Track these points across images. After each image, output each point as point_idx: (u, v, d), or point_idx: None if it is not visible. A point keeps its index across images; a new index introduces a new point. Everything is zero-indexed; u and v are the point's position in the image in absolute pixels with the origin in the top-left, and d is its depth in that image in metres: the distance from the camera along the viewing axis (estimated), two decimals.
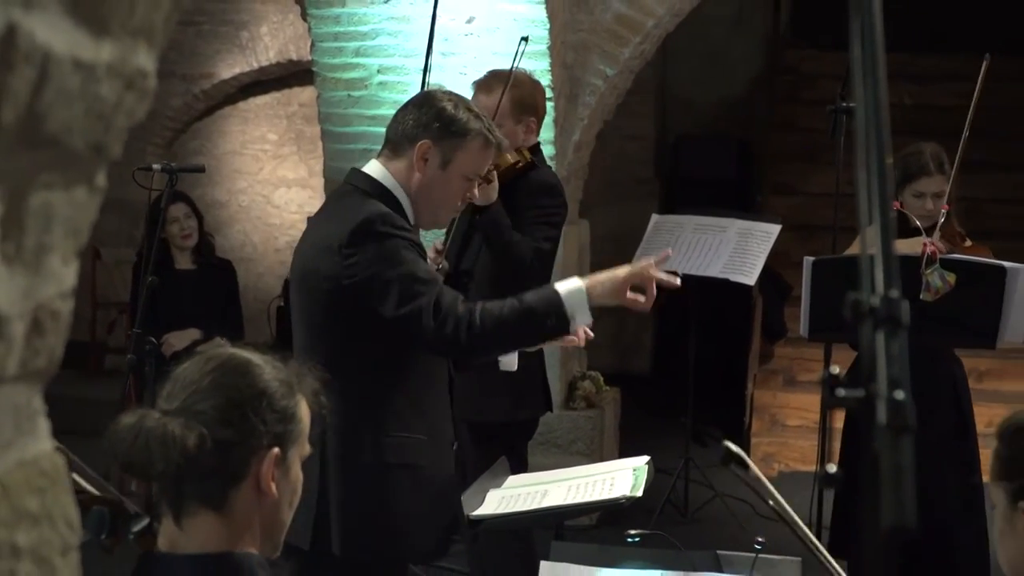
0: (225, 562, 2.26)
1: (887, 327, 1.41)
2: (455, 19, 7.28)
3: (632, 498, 3.68)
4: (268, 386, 2.33)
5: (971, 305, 5.66)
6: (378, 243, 3.82)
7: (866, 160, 1.53)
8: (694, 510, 8.30)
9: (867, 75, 1.55)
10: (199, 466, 2.22)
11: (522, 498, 3.92)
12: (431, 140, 3.96)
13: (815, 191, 10.54)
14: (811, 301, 5.88)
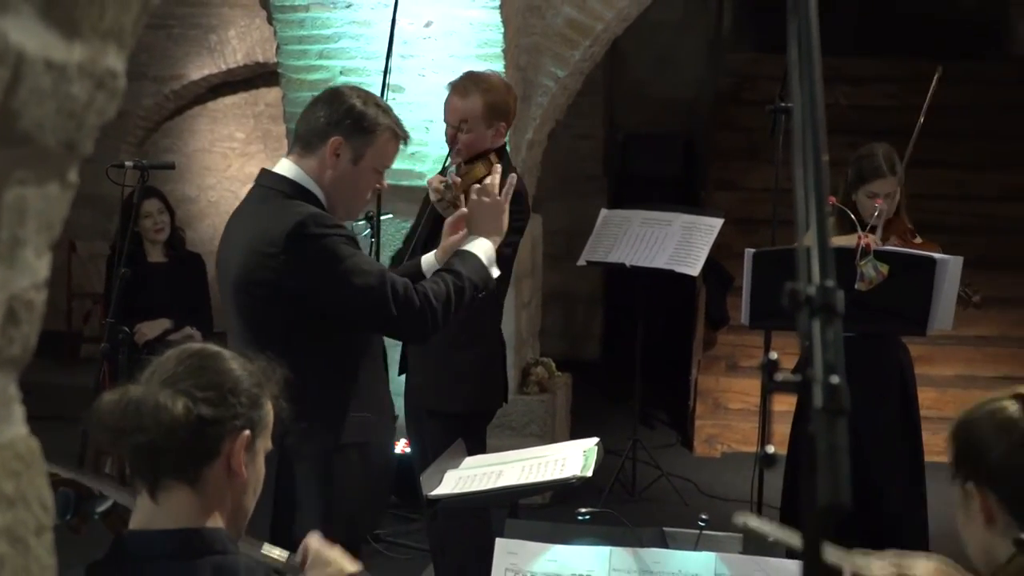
0: (198, 536, 2.25)
1: (823, 315, 1.42)
2: (414, 23, 7.27)
3: (582, 478, 3.67)
4: (240, 374, 2.34)
5: (903, 294, 5.69)
6: (316, 244, 3.78)
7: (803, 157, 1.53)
8: (641, 489, 8.31)
9: (803, 76, 1.55)
10: (179, 439, 2.21)
11: (478, 478, 3.91)
12: (342, 137, 3.92)
13: (756, 187, 10.58)
14: (752, 291, 5.90)
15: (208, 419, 2.25)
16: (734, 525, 3.05)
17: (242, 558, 2.27)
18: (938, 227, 6.21)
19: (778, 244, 6.39)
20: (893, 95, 11.63)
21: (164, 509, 2.25)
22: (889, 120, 10.53)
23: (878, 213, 5.93)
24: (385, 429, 4.14)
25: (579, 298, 12.14)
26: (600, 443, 3.85)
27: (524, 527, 3.27)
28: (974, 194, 10.68)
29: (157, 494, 2.25)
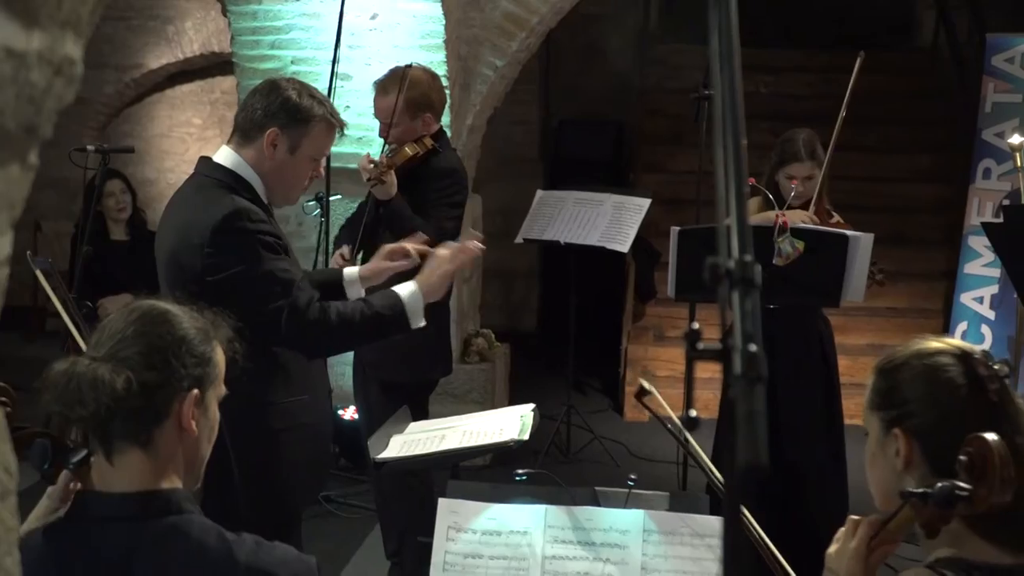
0: (155, 497, 2.24)
1: (741, 287, 1.42)
2: (360, 16, 7.24)
3: (520, 441, 3.67)
4: (187, 333, 2.31)
5: (818, 269, 5.72)
6: (238, 241, 3.71)
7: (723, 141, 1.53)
8: (575, 451, 8.34)
9: (724, 65, 1.55)
10: (126, 406, 2.19)
11: (422, 442, 3.90)
12: (279, 127, 3.88)
13: (681, 169, 10.61)
14: (677, 266, 5.92)
15: (153, 384, 2.23)
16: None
17: (197, 518, 2.26)
18: (851, 207, 6.25)
19: (702, 223, 6.43)
20: (809, 84, 11.68)
21: (119, 471, 2.24)
22: (805, 107, 10.59)
23: (795, 194, 5.97)
24: (321, 408, 4.11)
25: (517, 274, 12.15)
26: (536, 409, 3.85)
27: (465, 487, 3.26)
28: (884, 176, 10.74)
29: (112, 456, 2.24)
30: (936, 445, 2.22)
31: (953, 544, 2.20)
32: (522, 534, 3.14)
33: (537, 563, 3.10)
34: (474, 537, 3.15)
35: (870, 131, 10.84)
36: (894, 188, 10.67)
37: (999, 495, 2.09)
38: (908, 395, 2.26)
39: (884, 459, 2.31)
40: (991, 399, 2.21)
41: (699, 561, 3.08)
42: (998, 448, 2.08)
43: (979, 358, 2.25)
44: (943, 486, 2.09)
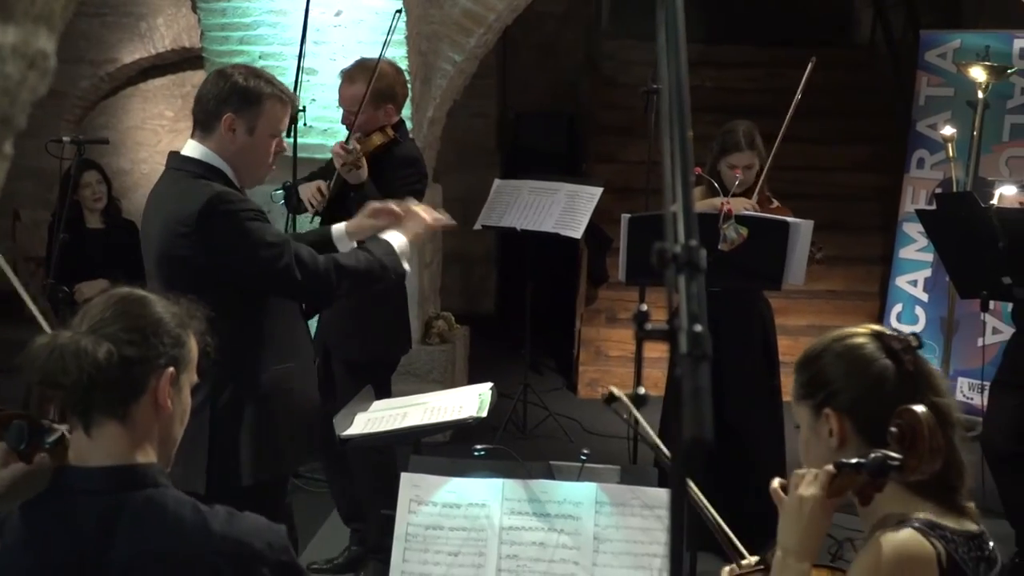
0: (132, 471, 2.23)
1: (687, 271, 1.42)
2: (325, 12, 7.23)
3: (478, 418, 3.68)
4: (163, 316, 2.31)
5: (760, 254, 5.75)
6: (225, 221, 3.73)
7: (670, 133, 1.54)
8: (531, 428, 8.34)
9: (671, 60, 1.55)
10: (106, 378, 2.19)
11: (386, 420, 3.90)
12: (233, 112, 3.87)
13: (631, 159, 10.62)
14: (628, 251, 5.94)
15: (132, 359, 2.22)
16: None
17: (172, 491, 2.25)
18: (793, 195, 6.29)
19: (651, 210, 6.44)
20: (753, 79, 11.71)
21: (97, 444, 2.23)
22: (749, 101, 10.62)
23: (738, 183, 5.99)
24: (307, 374, 4.12)
25: (475, 259, 12.15)
26: (494, 387, 3.86)
27: (427, 463, 3.26)
28: (824, 166, 10.78)
29: (90, 430, 2.23)
30: (865, 417, 2.25)
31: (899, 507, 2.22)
32: (480, 506, 3.14)
33: (495, 534, 3.10)
34: (435, 509, 3.16)
35: (811, 123, 10.85)
36: (833, 177, 10.72)
37: (929, 463, 2.11)
38: (832, 376, 2.30)
39: (818, 442, 2.33)
40: (907, 368, 2.26)
41: (649, 531, 3.09)
42: (926, 419, 2.11)
43: (890, 334, 2.30)
44: (875, 456, 2.12)
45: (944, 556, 2.14)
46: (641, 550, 3.07)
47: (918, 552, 2.15)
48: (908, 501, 2.22)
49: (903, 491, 2.22)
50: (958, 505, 2.24)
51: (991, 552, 2.26)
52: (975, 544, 2.22)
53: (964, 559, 2.17)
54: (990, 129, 7.86)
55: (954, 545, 2.17)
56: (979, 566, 2.20)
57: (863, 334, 2.33)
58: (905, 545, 2.16)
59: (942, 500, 2.22)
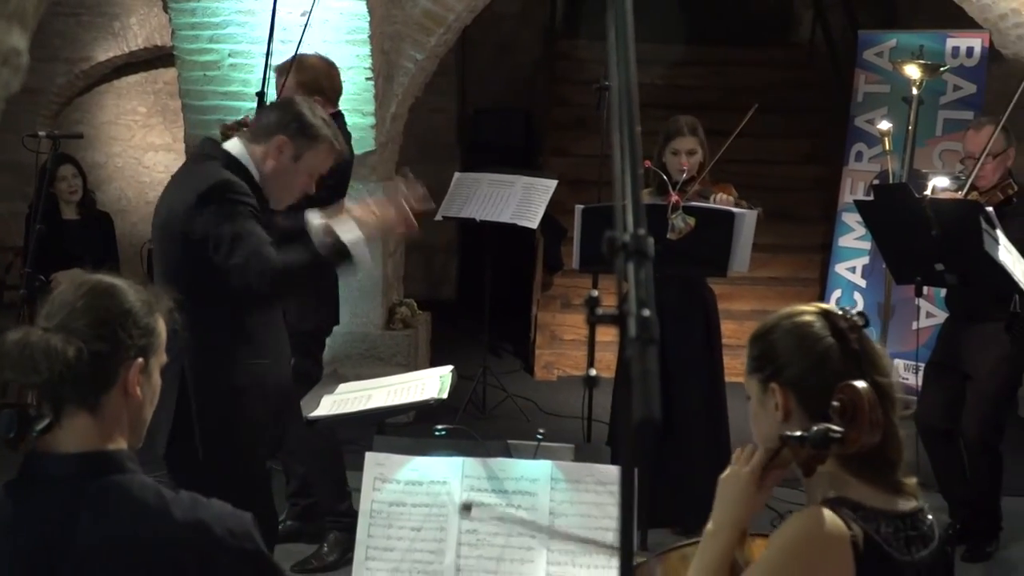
0: (101, 458, 2.21)
1: (635, 258, 1.43)
2: (292, 12, 7.17)
3: (440, 399, 3.68)
4: (132, 306, 2.27)
5: (707, 242, 5.77)
6: (219, 205, 3.79)
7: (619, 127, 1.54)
8: (490, 408, 8.36)
9: (620, 59, 1.55)
10: (76, 373, 2.17)
11: (351, 401, 3.90)
12: (288, 137, 3.95)
13: (584, 153, 10.60)
14: (581, 240, 5.94)
15: (102, 354, 2.20)
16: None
17: (138, 476, 2.23)
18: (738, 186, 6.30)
19: (603, 201, 6.45)
20: (700, 76, 11.74)
21: (68, 433, 2.20)
22: (697, 97, 10.65)
23: (685, 175, 6.01)
24: (281, 370, 4.14)
25: (437, 248, 12.14)
26: (455, 370, 3.85)
27: (390, 442, 3.26)
28: (767, 159, 10.81)
29: (62, 420, 2.20)
30: (809, 392, 2.26)
31: (834, 486, 2.23)
32: (441, 484, 3.14)
33: (455, 510, 3.11)
34: (398, 487, 3.16)
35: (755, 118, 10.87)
36: (776, 170, 10.76)
37: (869, 436, 2.13)
38: (780, 352, 2.31)
39: (765, 415, 2.34)
40: (853, 347, 2.26)
41: (602, 506, 3.10)
42: (867, 394, 2.12)
43: (838, 313, 2.31)
44: (818, 429, 2.13)
45: (861, 538, 2.14)
46: (595, 524, 3.08)
47: (828, 531, 2.15)
48: (843, 482, 2.23)
49: (840, 471, 2.23)
50: (895, 483, 2.25)
51: (928, 528, 2.26)
52: (908, 523, 2.23)
53: (889, 539, 2.17)
54: (924, 124, 7.90)
55: (876, 525, 2.17)
56: (910, 545, 2.21)
57: (812, 312, 2.34)
58: (816, 523, 2.17)
59: (878, 479, 2.23)
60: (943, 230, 5.20)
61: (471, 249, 11.57)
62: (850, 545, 2.14)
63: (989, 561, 5.94)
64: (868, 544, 2.15)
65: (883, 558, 2.16)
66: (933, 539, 2.26)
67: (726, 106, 10.68)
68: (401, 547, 3.10)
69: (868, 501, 2.20)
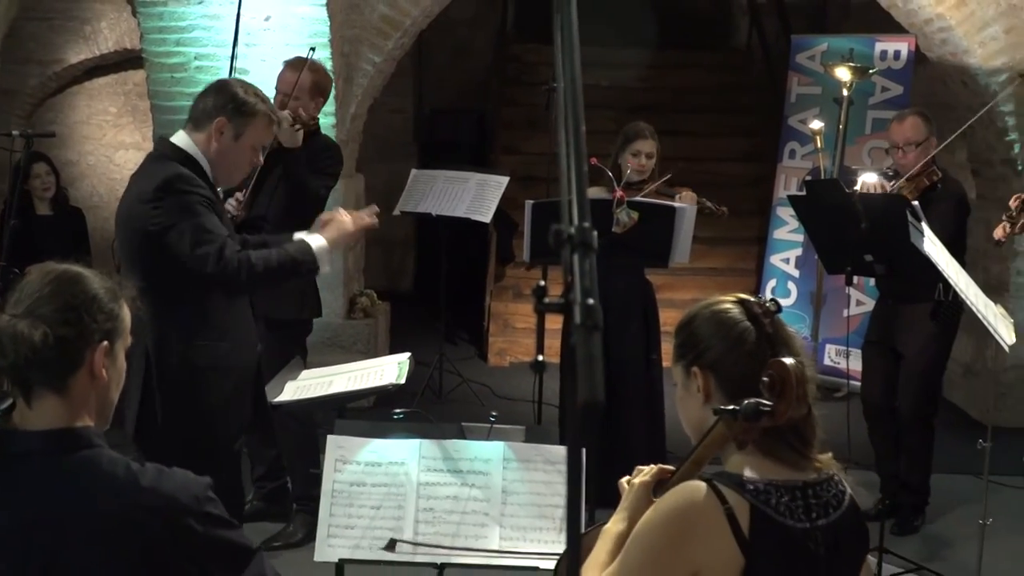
0: (70, 434, 2.20)
1: (580, 250, 1.43)
2: (255, 17, 7.17)
3: (398, 385, 3.69)
4: (97, 292, 2.26)
5: (650, 235, 5.79)
6: (176, 198, 3.86)
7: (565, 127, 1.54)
8: (446, 393, 8.36)
9: (566, 61, 1.55)
10: (43, 357, 2.16)
11: (313, 387, 3.90)
12: (226, 118, 3.98)
13: (534, 151, 10.60)
14: (531, 233, 5.96)
15: (68, 338, 2.19)
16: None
17: (106, 451, 2.22)
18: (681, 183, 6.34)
19: (552, 197, 6.45)
20: (644, 78, 11.75)
21: (37, 413, 2.20)
22: (640, 98, 10.68)
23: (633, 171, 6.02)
24: (245, 354, 4.13)
25: (395, 241, 12.11)
26: (412, 357, 3.86)
27: (351, 425, 3.26)
28: (707, 156, 10.84)
29: (31, 402, 2.19)
30: (726, 373, 2.28)
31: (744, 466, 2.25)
32: (400, 464, 3.15)
33: (413, 489, 3.11)
34: (358, 468, 3.16)
35: (696, 119, 10.94)
36: (715, 167, 10.78)
37: (795, 409, 2.15)
38: (700, 338, 2.33)
39: (689, 397, 2.36)
40: (767, 330, 2.28)
41: (551, 484, 3.12)
42: (795, 369, 2.14)
43: (753, 300, 2.33)
44: (749, 403, 2.15)
45: (747, 509, 2.16)
46: (545, 501, 3.10)
47: (697, 505, 2.16)
48: (752, 460, 2.24)
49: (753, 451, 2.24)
50: (802, 455, 2.26)
51: (832, 497, 2.27)
52: (810, 492, 2.24)
53: (782, 509, 2.19)
54: (854, 123, 7.95)
55: (767, 496, 2.18)
56: (810, 512, 2.22)
57: (729, 300, 2.37)
58: (686, 498, 2.19)
59: (783, 453, 2.24)
60: (871, 223, 5.24)
61: (428, 242, 11.54)
62: (725, 517, 2.15)
63: (916, 535, 6.00)
64: (756, 515, 2.16)
65: (775, 526, 2.17)
66: (839, 507, 2.27)
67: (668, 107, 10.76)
68: (361, 525, 3.10)
69: (763, 474, 2.22)
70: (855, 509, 2.30)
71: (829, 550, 2.22)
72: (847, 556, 2.29)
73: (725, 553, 2.15)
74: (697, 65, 12.24)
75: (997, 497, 5.07)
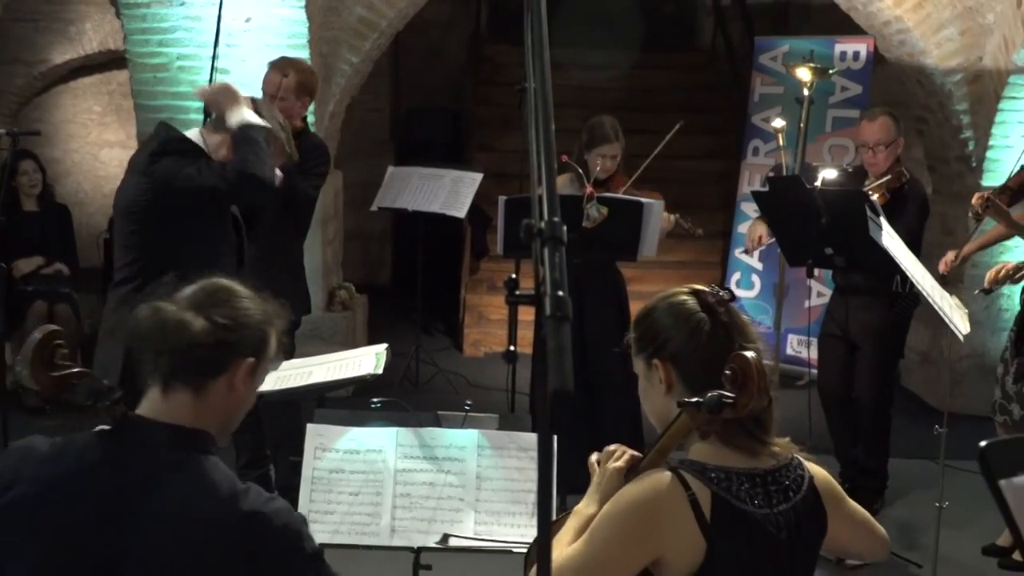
0: (191, 434, 2.18)
1: (550, 244, 1.43)
2: (236, 19, 7.14)
3: (376, 374, 3.69)
4: (252, 311, 2.26)
5: (619, 230, 5.79)
6: (170, 155, 4.17)
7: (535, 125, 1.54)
8: (422, 382, 8.35)
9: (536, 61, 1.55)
10: (195, 352, 2.16)
11: (294, 377, 3.89)
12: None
13: (508, 149, 10.60)
14: (504, 228, 5.95)
15: (223, 341, 2.18)
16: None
17: (218, 463, 2.19)
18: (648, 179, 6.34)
19: (525, 193, 6.45)
20: (613, 78, 11.75)
21: (170, 406, 2.18)
22: (610, 97, 10.67)
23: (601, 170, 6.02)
24: None
25: (373, 236, 12.08)
26: (389, 348, 3.86)
27: (330, 414, 3.25)
28: (673, 154, 10.78)
29: (168, 393, 2.18)
30: (687, 363, 2.28)
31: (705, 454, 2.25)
32: (377, 452, 3.15)
33: (390, 476, 3.11)
34: (337, 455, 3.15)
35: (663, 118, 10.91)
36: (681, 164, 10.77)
37: (757, 401, 2.15)
38: (659, 330, 2.33)
39: (652, 389, 2.36)
40: (722, 319, 2.29)
41: (524, 470, 3.12)
42: (756, 362, 2.14)
43: (707, 291, 2.34)
44: (712, 395, 2.14)
45: (709, 496, 2.17)
46: (518, 487, 3.10)
47: (661, 491, 2.17)
48: (713, 449, 2.25)
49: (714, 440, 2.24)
50: (761, 443, 2.27)
51: (791, 482, 2.27)
52: (769, 478, 2.24)
53: (742, 495, 2.19)
54: (815, 121, 7.96)
55: (728, 483, 2.19)
56: (770, 498, 2.23)
57: (684, 292, 2.37)
58: (651, 485, 2.19)
59: (742, 441, 2.25)
60: (832, 218, 5.26)
61: (404, 237, 11.53)
62: (688, 503, 2.15)
63: (875, 517, 6.02)
64: (717, 502, 2.16)
65: (736, 513, 2.18)
66: (799, 491, 2.28)
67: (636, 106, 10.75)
68: (340, 510, 3.10)
69: (724, 462, 2.22)
70: (815, 491, 2.31)
71: (791, 533, 2.23)
72: (808, 538, 2.30)
73: (688, 539, 2.15)
74: (664, 66, 12.25)
75: (953, 481, 5.10)
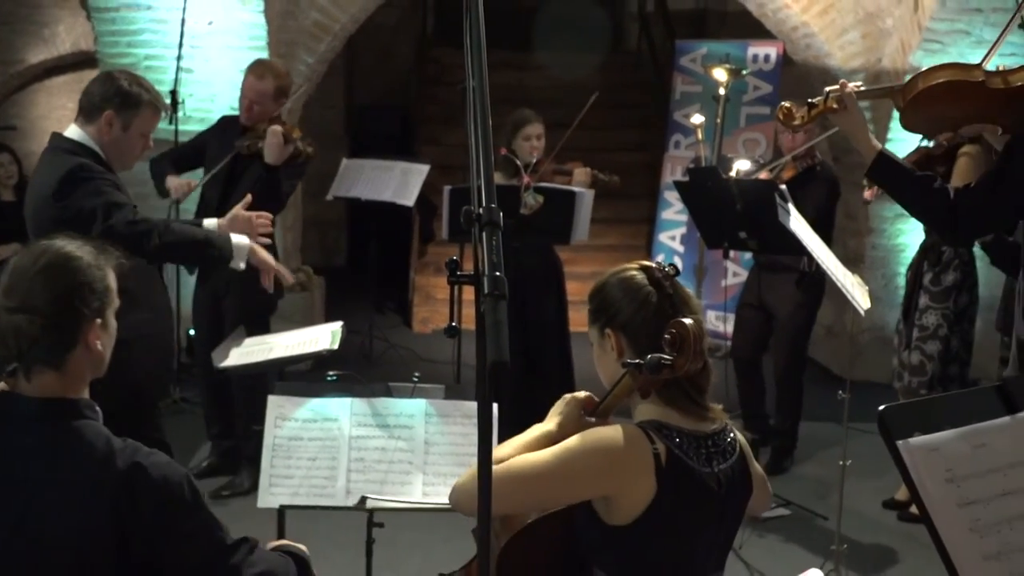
0: (63, 404, 2.13)
1: (488, 228, 1.43)
2: (199, 22, 7.08)
3: (331, 350, 3.67)
4: (87, 275, 2.16)
5: (553, 216, 5.81)
6: (82, 186, 3.71)
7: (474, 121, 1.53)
8: (376, 357, 8.33)
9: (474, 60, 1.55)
10: (40, 345, 2.10)
11: (255, 352, 3.86)
12: (113, 110, 3.83)
13: (452, 143, 10.64)
14: (449, 215, 5.96)
15: (63, 325, 2.12)
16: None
17: (93, 424, 2.14)
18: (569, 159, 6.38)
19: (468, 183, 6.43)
20: (547, 77, 11.75)
21: (35, 386, 2.12)
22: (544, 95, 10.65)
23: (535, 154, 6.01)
24: (163, 324, 4.10)
25: (329, 223, 12.03)
26: (344, 325, 3.83)
27: (290, 387, 3.23)
28: (603, 147, 10.87)
29: (31, 377, 2.12)
30: (635, 332, 2.29)
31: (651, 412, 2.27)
32: (333, 420, 3.13)
33: (345, 442, 3.10)
34: (296, 424, 3.14)
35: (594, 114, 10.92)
36: (610, 156, 10.78)
37: (693, 363, 2.17)
38: (611, 302, 2.34)
39: (605, 356, 2.37)
40: (668, 292, 2.31)
41: (468, 436, 3.12)
42: (693, 328, 2.16)
43: (655, 266, 2.35)
44: (652, 357, 2.16)
45: (664, 452, 2.18)
46: (463, 451, 3.11)
47: (632, 438, 2.19)
48: (659, 410, 2.27)
49: (657, 398, 2.26)
50: (702, 407, 2.29)
51: (728, 445, 2.31)
52: (710, 441, 2.27)
53: (691, 454, 2.21)
54: (730, 118, 8.02)
55: (679, 442, 2.21)
56: (712, 459, 2.26)
57: (635, 268, 2.38)
58: (623, 432, 2.21)
59: (687, 405, 2.27)
60: (745, 205, 5.30)
61: (358, 224, 11.49)
62: (652, 456, 2.17)
63: (785, 474, 6.11)
64: (671, 458, 2.19)
65: (685, 469, 2.20)
66: (734, 453, 2.31)
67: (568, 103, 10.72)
68: (299, 475, 3.09)
69: (675, 423, 2.25)
70: (743, 455, 2.34)
71: (727, 490, 2.27)
72: (739, 494, 2.33)
73: (644, 486, 2.17)
74: (594, 66, 12.27)
75: (855, 441, 5.17)
